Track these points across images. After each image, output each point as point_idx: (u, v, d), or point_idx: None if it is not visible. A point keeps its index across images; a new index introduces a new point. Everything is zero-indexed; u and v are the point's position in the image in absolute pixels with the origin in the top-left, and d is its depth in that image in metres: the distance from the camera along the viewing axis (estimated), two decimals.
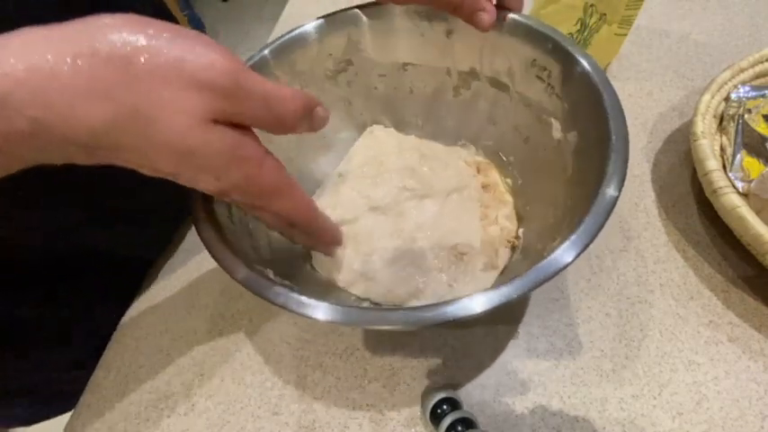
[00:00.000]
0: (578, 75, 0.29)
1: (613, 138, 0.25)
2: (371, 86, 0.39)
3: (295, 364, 0.34)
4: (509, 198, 0.36)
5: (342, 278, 0.32)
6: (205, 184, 0.20)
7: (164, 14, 0.46)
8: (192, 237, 0.43)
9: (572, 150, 0.30)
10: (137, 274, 0.41)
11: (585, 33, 0.45)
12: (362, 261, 0.32)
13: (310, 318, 0.22)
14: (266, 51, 0.34)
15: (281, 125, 0.20)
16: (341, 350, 0.34)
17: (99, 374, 0.36)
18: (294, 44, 0.35)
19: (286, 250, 0.32)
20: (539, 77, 0.32)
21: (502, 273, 0.32)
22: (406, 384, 0.32)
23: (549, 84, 0.32)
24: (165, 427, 0.32)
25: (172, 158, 0.18)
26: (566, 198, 0.29)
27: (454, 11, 0.31)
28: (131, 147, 0.18)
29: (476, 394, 0.31)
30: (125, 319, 0.38)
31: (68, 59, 0.16)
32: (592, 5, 0.43)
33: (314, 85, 0.37)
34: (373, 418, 0.31)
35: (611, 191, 0.22)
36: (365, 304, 0.32)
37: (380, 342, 0.34)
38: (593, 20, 0.44)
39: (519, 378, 0.32)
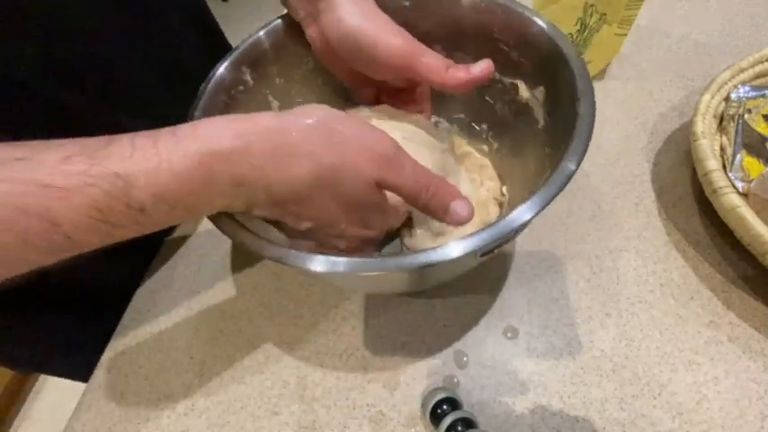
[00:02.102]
0: (537, 34, 0.32)
1: (581, 111, 0.27)
2: None
3: (295, 364, 0.34)
4: (486, 161, 0.40)
5: None
6: (351, 229, 0.26)
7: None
8: (191, 238, 0.43)
9: (541, 104, 0.33)
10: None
11: (585, 33, 0.45)
12: None
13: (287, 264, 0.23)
14: (261, 33, 0.35)
15: (417, 194, 0.25)
16: (341, 350, 0.34)
17: (99, 374, 0.36)
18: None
19: None
20: (498, 44, 0.35)
21: None
22: (406, 384, 0.32)
23: (509, 47, 0.34)
24: (165, 427, 0.32)
25: (340, 207, 0.24)
26: (542, 147, 0.32)
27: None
28: (313, 199, 0.23)
29: (476, 394, 0.31)
30: (125, 319, 0.38)
31: (292, 124, 0.22)
32: (592, 5, 0.43)
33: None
34: (373, 418, 0.31)
35: (570, 165, 0.25)
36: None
37: (380, 342, 0.34)
38: (593, 20, 0.44)
39: (519, 378, 0.32)
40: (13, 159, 0.18)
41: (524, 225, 0.23)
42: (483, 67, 0.29)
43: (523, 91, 0.35)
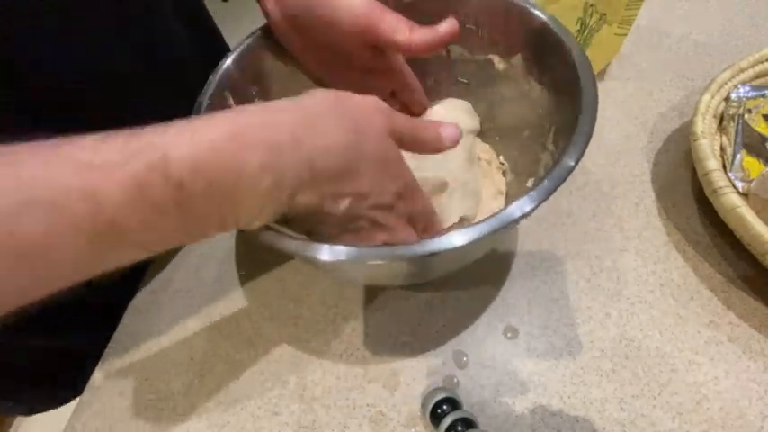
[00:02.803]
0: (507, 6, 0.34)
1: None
2: None
3: (295, 364, 0.34)
4: (476, 139, 0.41)
5: None
6: (392, 184, 0.25)
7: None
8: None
9: (521, 68, 0.35)
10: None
11: (585, 33, 0.45)
12: None
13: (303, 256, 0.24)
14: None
15: (415, 126, 0.27)
16: (341, 350, 0.34)
17: (99, 374, 0.36)
18: None
19: None
20: (469, 28, 0.36)
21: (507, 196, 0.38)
22: (406, 384, 0.32)
23: (478, 29, 0.36)
24: (164, 427, 0.32)
25: (373, 168, 0.24)
26: (533, 109, 0.34)
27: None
28: (351, 167, 0.23)
29: (476, 394, 0.31)
30: (125, 319, 0.38)
31: (308, 101, 0.23)
32: (592, 5, 0.43)
33: None
34: (373, 418, 0.31)
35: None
36: None
37: (380, 342, 0.34)
38: (593, 20, 0.44)
39: (519, 378, 0.32)
40: (46, 145, 0.17)
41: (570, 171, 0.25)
42: (449, 26, 0.29)
43: (498, 63, 0.37)
